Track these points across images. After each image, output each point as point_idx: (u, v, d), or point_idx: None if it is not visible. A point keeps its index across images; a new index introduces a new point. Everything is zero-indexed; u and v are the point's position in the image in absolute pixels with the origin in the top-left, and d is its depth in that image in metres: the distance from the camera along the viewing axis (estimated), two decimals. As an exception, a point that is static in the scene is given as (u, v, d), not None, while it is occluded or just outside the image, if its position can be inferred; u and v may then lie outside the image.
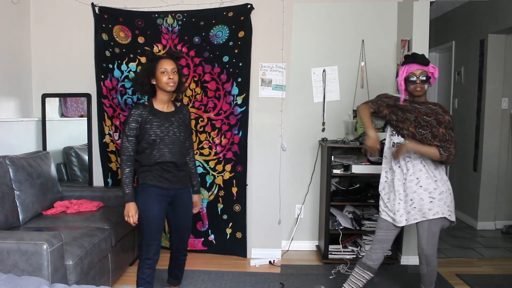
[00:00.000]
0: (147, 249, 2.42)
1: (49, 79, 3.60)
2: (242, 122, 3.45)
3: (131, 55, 3.46)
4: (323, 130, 3.67)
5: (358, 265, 2.58)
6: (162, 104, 2.45)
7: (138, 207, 2.40)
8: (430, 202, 2.43)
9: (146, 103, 2.44)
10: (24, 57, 3.52)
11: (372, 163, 3.36)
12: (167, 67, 2.37)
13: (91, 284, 2.39)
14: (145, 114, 2.37)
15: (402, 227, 2.59)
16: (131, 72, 3.48)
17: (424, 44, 3.29)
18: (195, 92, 3.46)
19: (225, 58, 3.41)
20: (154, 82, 2.41)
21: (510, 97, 4.43)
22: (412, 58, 2.45)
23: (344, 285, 2.59)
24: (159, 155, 2.40)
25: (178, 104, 2.57)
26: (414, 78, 2.41)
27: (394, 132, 2.51)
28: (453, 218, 2.46)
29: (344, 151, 3.54)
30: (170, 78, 2.37)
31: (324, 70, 3.63)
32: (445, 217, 2.43)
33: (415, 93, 2.43)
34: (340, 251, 3.47)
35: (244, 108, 3.44)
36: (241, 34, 3.39)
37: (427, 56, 3.30)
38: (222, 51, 3.40)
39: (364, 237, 3.46)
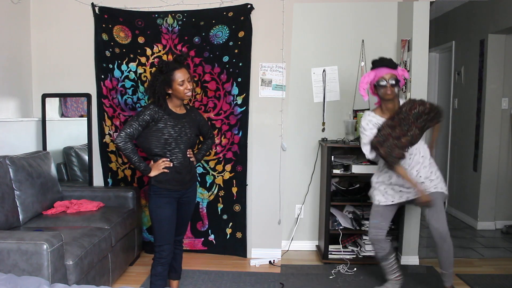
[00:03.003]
0: (160, 250, 2.48)
1: (49, 79, 3.60)
2: (242, 122, 3.45)
3: (131, 55, 3.46)
4: (323, 130, 3.67)
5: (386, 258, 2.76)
6: (175, 107, 2.51)
7: (150, 209, 2.50)
8: (431, 182, 2.64)
9: (162, 103, 2.47)
10: (24, 57, 3.52)
11: (372, 163, 3.36)
12: (183, 78, 2.41)
13: (91, 284, 2.39)
14: (161, 113, 2.43)
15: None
16: (131, 72, 3.48)
17: (424, 44, 3.29)
18: (195, 92, 3.46)
19: (225, 58, 3.41)
20: (170, 92, 2.44)
21: (510, 97, 4.43)
22: (380, 62, 2.47)
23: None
24: (173, 158, 2.46)
25: (188, 107, 2.63)
26: (384, 83, 2.43)
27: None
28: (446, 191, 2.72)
29: (344, 151, 3.55)
30: (188, 89, 2.43)
31: (324, 70, 3.63)
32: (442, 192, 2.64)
33: (385, 97, 2.46)
34: (340, 251, 3.47)
35: (244, 108, 3.44)
36: (241, 34, 3.39)
37: (427, 56, 3.33)
38: (222, 51, 3.41)
39: (364, 237, 3.46)
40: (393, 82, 2.42)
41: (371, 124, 2.58)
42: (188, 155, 2.53)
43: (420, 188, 2.55)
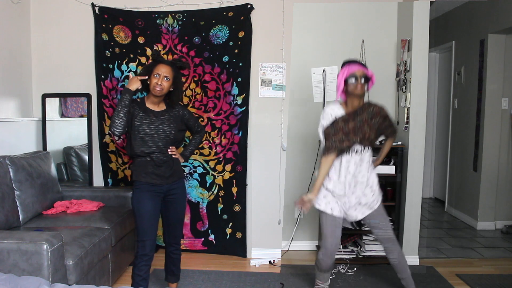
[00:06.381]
0: (143, 245, 2.48)
1: (49, 79, 3.60)
2: (242, 122, 3.45)
3: (131, 55, 3.46)
4: (323, 130, 3.66)
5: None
6: (153, 104, 2.53)
7: (132, 204, 2.52)
8: (372, 195, 2.63)
9: (139, 100, 2.52)
10: (24, 57, 3.52)
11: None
12: (160, 72, 2.44)
13: (91, 284, 2.39)
14: (137, 109, 2.46)
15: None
16: (131, 72, 3.48)
17: (424, 44, 3.29)
18: (195, 92, 3.46)
19: (225, 58, 3.41)
20: (149, 82, 2.48)
21: (510, 97, 4.43)
22: (351, 61, 2.55)
23: None
24: (152, 156, 2.48)
25: (168, 101, 2.61)
26: (353, 79, 2.47)
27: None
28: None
29: (344, 151, 3.54)
30: (157, 84, 2.43)
31: (324, 70, 3.63)
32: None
33: (355, 92, 2.48)
34: (340, 251, 3.46)
35: (244, 108, 3.44)
36: (241, 34, 3.39)
37: (427, 56, 3.34)
38: (222, 51, 3.41)
39: (364, 237, 3.47)
40: (363, 79, 2.47)
41: (332, 115, 2.58)
42: (169, 152, 2.52)
43: (309, 197, 2.54)
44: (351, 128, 2.51)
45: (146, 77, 2.46)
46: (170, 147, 2.53)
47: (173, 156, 2.55)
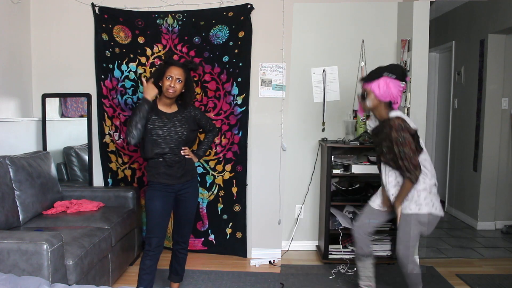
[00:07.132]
0: (149, 241, 2.52)
1: (49, 79, 3.60)
2: (242, 122, 3.45)
3: (131, 55, 3.46)
4: (323, 130, 3.67)
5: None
6: (165, 106, 2.54)
7: (145, 201, 2.57)
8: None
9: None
10: (24, 57, 3.52)
11: (372, 163, 3.37)
12: (172, 74, 2.45)
13: (91, 284, 2.39)
14: (149, 112, 2.47)
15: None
16: (131, 72, 3.48)
17: (424, 44, 3.29)
18: (195, 92, 3.46)
19: (225, 58, 3.41)
20: (161, 84, 2.49)
21: (510, 97, 4.43)
22: (362, 78, 2.55)
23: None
24: (165, 156, 2.50)
25: (180, 102, 2.63)
26: (360, 99, 2.53)
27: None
28: (427, 211, 2.43)
29: (344, 151, 3.54)
30: (170, 86, 2.44)
31: (324, 70, 3.63)
32: (416, 214, 2.43)
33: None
34: (340, 251, 3.47)
35: (244, 108, 3.44)
36: (241, 34, 3.39)
37: (426, 56, 3.33)
38: (222, 51, 3.41)
39: (364, 237, 3.46)
40: (362, 95, 2.50)
41: (369, 129, 2.75)
42: (182, 153, 2.55)
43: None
44: (376, 143, 2.60)
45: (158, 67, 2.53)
46: (183, 148, 2.55)
47: (186, 156, 2.57)
